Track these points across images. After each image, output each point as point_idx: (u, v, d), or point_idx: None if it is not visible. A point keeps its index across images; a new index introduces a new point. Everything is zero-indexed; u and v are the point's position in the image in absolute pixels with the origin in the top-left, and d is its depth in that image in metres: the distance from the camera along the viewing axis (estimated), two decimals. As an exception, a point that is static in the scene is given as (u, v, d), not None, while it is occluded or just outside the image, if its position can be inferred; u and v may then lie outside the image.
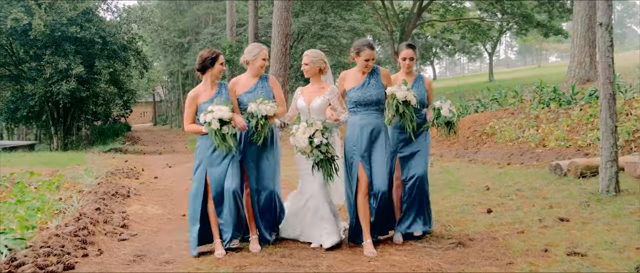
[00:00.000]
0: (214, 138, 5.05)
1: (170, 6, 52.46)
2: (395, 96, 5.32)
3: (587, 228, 5.69)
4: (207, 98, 5.31)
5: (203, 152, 5.31)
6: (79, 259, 4.99)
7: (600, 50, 7.07)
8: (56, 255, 4.85)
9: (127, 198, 8.59)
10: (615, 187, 7.05)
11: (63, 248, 5.05)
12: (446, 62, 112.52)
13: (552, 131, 12.29)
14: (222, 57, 5.39)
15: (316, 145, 5.07)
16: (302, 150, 5.14)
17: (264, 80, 5.63)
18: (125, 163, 15.84)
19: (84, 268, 4.79)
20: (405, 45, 5.77)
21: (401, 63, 5.77)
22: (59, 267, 4.60)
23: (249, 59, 5.54)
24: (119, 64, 27.52)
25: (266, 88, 5.56)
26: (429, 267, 4.70)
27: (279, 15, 22.01)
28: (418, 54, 5.83)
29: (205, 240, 5.32)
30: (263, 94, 5.44)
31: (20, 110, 25.33)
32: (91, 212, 6.64)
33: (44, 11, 23.12)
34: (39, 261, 4.57)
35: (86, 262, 5.00)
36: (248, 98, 5.43)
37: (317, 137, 5.07)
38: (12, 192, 8.41)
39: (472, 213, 6.84)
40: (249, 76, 5.62)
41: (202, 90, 5.38)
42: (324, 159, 5.13)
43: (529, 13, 32.68)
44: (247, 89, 5.55)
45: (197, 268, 4.81)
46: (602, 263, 4.52)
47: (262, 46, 5.65)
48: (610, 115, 7.05)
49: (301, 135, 5.08)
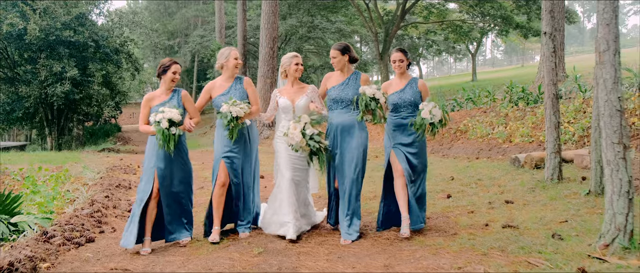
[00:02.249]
0: (160, 137, 5.31)
1: (159, 9, 53.24)
2: (364, 93, 5.64)
3: (526, 209, 6.73)
4: (160, 102, 5.60)
5: (149, 152, 5.58)
6: (96, 235, 5.96)
7: (544, 56, 8.11)
8: (78, 231, 5.82)
9: (129, 189, 9.52)
10: (559, 175, 8.10)
11: (83, 226, 6.03)
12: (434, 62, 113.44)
13: (518, 128, 13.34)
14: (177, 67, 5.61)
15: (309, 136, 5.46)
16: (298, 145, 5.47)
17: (238, 81, 5.94)
18: (121, 161, 16.69)
19: (103, 242, 5.75)
20: (396, 50, 6.06)
21: (393, 65, 6.07)
22: (82, 240, 5.56)
23: (222, 62, 5.87)
24: (112, 67, 28.29)
25: (240, 89, 5.86)
26: (387, 236, 5.72)
27: (266, 19, 22.90)
28: (408, 56, 6.04)
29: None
30: (236, 96, 5.79)
31: (16, 112, 26.05)
32: (101, 199, 7.61)
33: (38, 16, 23.89)
34: (65, 234, 5.53)
35: (103, 236, 5.97)
36: (222, 100, 5.79)
37: (308, 129, 5.47)
38: (24, 185, 9.30)
39: (434, 199, 7.84)
40: (225, 78, 5.95)
41: (157, 94, 5.68)
42: (319, 148, 5.51)
43: (508, 15, 33.72)
44: (222, 91, 5.88)
45: (196, 240, 5.76)
46: (528, 233, 5.54)
47: (231, 47, 5.98)
48: (553, 112, 8.10)
49: (294, 131, 5.44)
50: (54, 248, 5.13)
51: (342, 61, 5.90)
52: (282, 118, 6.01)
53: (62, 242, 5.33)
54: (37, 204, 7.41)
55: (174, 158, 5.53)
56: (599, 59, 4.72)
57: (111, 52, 27.36)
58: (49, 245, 5.18)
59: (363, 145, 5.83)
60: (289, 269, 4.59)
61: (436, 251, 5.06)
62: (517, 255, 4.79)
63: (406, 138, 5.90)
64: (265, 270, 4.57)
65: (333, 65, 5.94)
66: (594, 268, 4.26)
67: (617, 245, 4.65)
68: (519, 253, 4.84)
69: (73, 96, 25.38)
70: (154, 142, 5.48)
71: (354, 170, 5.72)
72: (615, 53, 4.65)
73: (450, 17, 38.86)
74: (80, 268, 4.75)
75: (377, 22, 34.77)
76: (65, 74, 24.60)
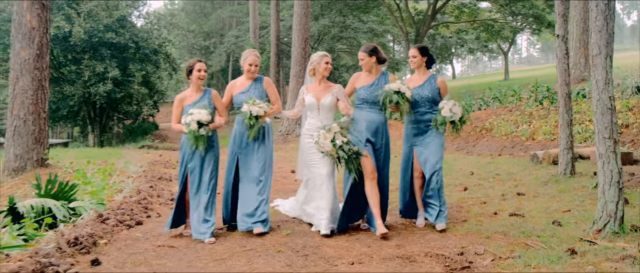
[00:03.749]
0: (190, 137, 5.67)
1: (196, 10, 54.47)
2: (390, 88, 5.79)
3: (535, 200, 7.24)
4: (191, 101, 5.87)
5: (184, 149, 5.91)
6: (144, 219, 6.72)
7: (557, 58, 8.58)
8: (128, 215, 6.59)
9: (170, 181, 10.31)
10: (571, 170, 8.56)
11: (132, 211, 6.80)
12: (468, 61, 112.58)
13: (541, 126, 13.73)
14: (201, 65, 5.89)
15: (339, 146, 5.61)
16: (329, 152, 5.66)
17: (258, 81, 6.17)
18: (160, 157, 17.57)
19: (150, 225, 6.50)
20: (413, 46, 6.30)
21: (409, 61, 6.27)
22: (132, 222, 6.33)
23: (241, 63, 6.16)
24: (151, 67, 29.42)
25: (259, 88, 6.11)
26: (403, 222, 6.33)
27: (298, 20, 23.55)
28: (423, 53, 6.15)
29: (178, 223, 5.98)
30: (256, 94, 6.02)
31: (61, 110, 27.39)
32: (146, 189, 8.41)
33: (82, 19, 25.13)
34: (118, 217, 6.30)
35: (150, 220, 6.73)
36: (242, 98, 6.02)
37: (338, 138, 5.60)
38: (76, 176, 10.16)
39: (451, 191, 8.38)
40: (245, 78, 6.20)
41: (188, 94, 5.95)
42: (348, 157, 5.66)
43: (540, 14, 33.69)
44: (242, 89, 6.13)
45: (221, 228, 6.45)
46: (531, 220, 6.08)
47: (250, 50, 6.24)
48: (566, 110, 8.56)
49: (324, 140, 5.60)
50: (109, 228, 5.90)
51: (370, 63, 6.03)
52: (308, 115, 6.19)
53: (115, 224, 6.10)
54: (89, 193, 8.23)
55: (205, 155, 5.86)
56: (592, 62, 5.24)
57: (150, 53, 28.51)
58: (105, 225, 5.95)
59: (388, 142, 6.07)
60: (313, 247, 5.24)
61: (444, 234, 5.66)
62: (518, 238, 5.35)
63: (423, 135, 6.09)
64: (292, 247, 5.23)
65: (361, 66, 6.08)
66: (583, 249, 4.78)
67: (608, 230, 5.17)
68: (520, 236, 5.39)
69: (114, 95, 26.58)
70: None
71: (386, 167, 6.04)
72: (607, 57, 5.16)
73: (481, 16, 38.90)
74: (132, 245, 5.50)
75: (408, 21, 35.15)
76: (107, 74, 25.81)
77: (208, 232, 5.69)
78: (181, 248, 5.42)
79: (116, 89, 26.64)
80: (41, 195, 6.93)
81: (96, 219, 6.13)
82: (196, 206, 5.83)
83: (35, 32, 11.82)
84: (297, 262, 4.74)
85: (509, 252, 4.86)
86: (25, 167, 11.56)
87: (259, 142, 6.04)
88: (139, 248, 5.38)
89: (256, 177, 5.99)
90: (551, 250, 4.84)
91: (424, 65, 6.21)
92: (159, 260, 4.94)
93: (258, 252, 5.10)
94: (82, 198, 7.73)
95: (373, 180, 5.84)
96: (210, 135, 5.79)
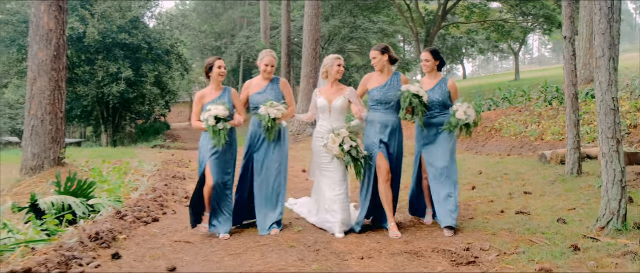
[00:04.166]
0: (209, 132, 5.73)
1: (207, 10, 54.82)
2: (408, 90, 5.84)
3: (541, 198, 7.38)
4: (211, 99, 5.93)
5: (203, 146, 5.99)
6: (160, 215, 6.94)
7: (564, 59, 8.71)
8: (144, 212, 6.81)
9: (183, 180, 10.55)
10: (578, 170, 8.68)
11: (148, 208, 7.03)
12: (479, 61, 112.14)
13: (550, 126, 13.82)
14: (220, 62, 5.99)
15: (347, 150, 5.68)
16: (336, 155, 5.74)
17: (274, 82, 6.24)
18: (172, 156, 17.85)
19: (166, 221, 6.72)
20: (425, 49, 6.25)
21: (421, 65, 6.25)
22: (149, 219, 6.55)
23: (258, 63, 6.25)
24: (163, 67, 29.77)
25: (276, 89, 6.19)
26: (412, 219, 6.51)
27: (308, 21, 23.75)
28: (436, 57, 6.18)
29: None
30: (272, 95, 6.09)
31: (74, 110, 27.80)
32: (161, 187, 8.66)
33: (96, 20, 25.50)
34: (135, 214, 6.53)
35: (166, 217, 6.95)
36: (258, 98, 6.11)
37: (346, 143, 5.67)
38: (92, 175, 10.42)
39: (459, 190, 8.39)
40: (261, 78, 6.27)
41: (208, 92, 6.03)
42: (356, 161, 5.76)
43: (550, 14, 33.65)
44: (258, 89, 6.20)
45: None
46: (537, 218, 6.23)
47: (266, 51, 6.30)
48: (573, 111, 8.68)
49: (332, 144, 5.68)
50: (127, 224, 6.13)
51: (382, 61, 6.03)
52: (320, 117, 6.24)
53: (133, 220, 6.33)
54: (106, 191, 8.47)
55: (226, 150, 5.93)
56: (595, 64, 5.39)
57: (162, 53, 28.88)
58: (123, 221, 6.18)
59: (402, 143, 6.14)
60: (324, 243, 5.44)
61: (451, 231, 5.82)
62: (523, 235, 5.51)
63: (433, 137, 6.10)
64: (304, 243, 5.43)
65: (373, 65, 6.08)
66: (585, 245, 4.93)
67: (611, 227, 5.32)
68: (525, 233, 5.55)
69: (127, 95, 26.97)
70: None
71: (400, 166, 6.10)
72: (610, 59, 5.30)
73: (492, 17, 38.88)
74: (150, 240, 5.72)
75: (418, 22, 35.23)
76: (120, 75, 26.19)
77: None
78: (197, 243, 5.63)
79: (129, 89, 27.02)
80: (61, 192, 7.17)
81: (114, 216, 6.36)
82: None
83: (53, 33, 12.10)
84: (309, 257, 4.93)
85: (513, 248, 5.02)
86: (43, 165, 11.83)
87: (274, 143, 6.12)
88: (157, 243, 5.60)
89: (272, 178, 6.11)
90: (554, 246, 4.99)
91: (435, 69, 6.24)
92: (176, 255, 5.16)
93: (271, 247, 5.30)
94: (100, 195, 7.98)
95: (387, 182, 5.91)
96: (230, 131, 5.83)
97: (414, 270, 4.56)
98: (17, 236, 5.35)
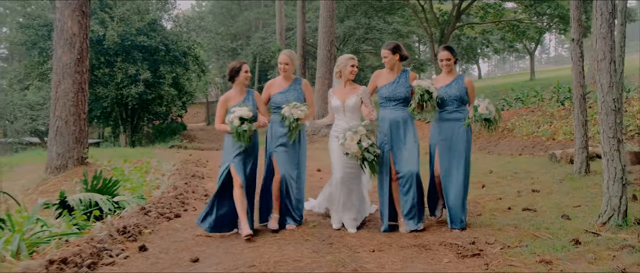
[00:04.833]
0: (233, 133, 5.78)
1: (223, 12, 55.38)
2: (420, 86, 5.94)
3: (549, 196, 7.62)
4: (236, 102, 5.97)
5: (227, 148, 6.03)
6: (181, 212, 7.29)
7: (572, 61, 8.93)
8: (167, 208, 7.17)
9: (202, 179, 10.91)
10: (586, 169, 8.90)
11: (170, 205, 7.39)
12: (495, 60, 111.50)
13: (562, 126, 14.00)
14: (247, 66, 6.04)
15: (365, 148, 5.76)
16: (354, 154, 5.79)
17: (297, 83, 6.36)
18: (190, 156, 18.24)
19: (187, 217, 7.06)
20: (442, 48, 6.26)
21: (440, 64, 6.25)
22: (172, 215, 6.91)
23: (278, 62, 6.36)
24: (180, 69, 30.23)
25: (298, 90, 6.31)
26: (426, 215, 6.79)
27: (323, 23, 24.06)
28: (454, 54, 6.21)
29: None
30: (294, 95, 6.22)
31: (94, 111, 28.36)
32: (182, 185, 9.02)
33: (116, 23, 26.03)
34: (158, 210, 6.89)
35: (187, 214, 7.30)
36: (280, 98, 6.24)
37: (364, 140, 5.75)
38: (114, 174, 10.82)
39: (469, 188, 8.71)
40: (282, 78, 6.39)
41: (232, 95, 6.06)
42: (373, 159, 5.83)
43: (566, 14, 33.57)
44: (281, 89, 6.32)
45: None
46: (543, 215, 6.49)
47: (284, 51, 6.38)
48: (581, 111, 8.90)
49: (350, 142, 5.74)
50: (151, 219, 6.49)
51: (393, 60, 6.12)
52: (335, 117, 6.34)
53: (156, 216, 6.68)
54: (129, 189, 8.86)
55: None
56: (597, 67, 5.64)
57: (180, 55, 29.33)
58: (148, 217, 6.54)
59: (417, 137, 6.14)
60: (337, 237, 5.75)
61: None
62: (527, 230, 5.77)
63: (448, 133, 6.10)
64: (318, 237, 5.74)
65: (384, 63, 6.17)
66: (587, 240, 5.19)
67: (612, 223, 5.57)
68: (530, 228, 5.82)
69: (146, 96, 27.47)
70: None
71: (417, 163, 6.03)
72: (610, 62, 5.55)
73: (506, 17, 38.82)
74: (173, 234, 6.06)
75: (432, 22, 35.36)
76: (139, 76, 26.69)
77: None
78: (217, 237, 5.95)
79: (147, 91, 27.50)
80: (88, 190, 7.57)
81: (139, 212, 6.73)
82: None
83: (76, 38, 12.55)
84: (323, 249, 5.24)
85: (517, 242, 5.29)
86: (67, 165, 12.26)
87: (294, 143, 6.23)
88: (180, 237, 5.95)
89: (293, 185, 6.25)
90: (557, 241, 5.25)
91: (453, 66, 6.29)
92: (198, 247, 5.50)
93: (288, 241, 5.62)
94: (123, 193, 8.35)
95: (395, 181, 6.05)
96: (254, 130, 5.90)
97: (421, 261, 4.85)
98: (51, 230, 5.73)
